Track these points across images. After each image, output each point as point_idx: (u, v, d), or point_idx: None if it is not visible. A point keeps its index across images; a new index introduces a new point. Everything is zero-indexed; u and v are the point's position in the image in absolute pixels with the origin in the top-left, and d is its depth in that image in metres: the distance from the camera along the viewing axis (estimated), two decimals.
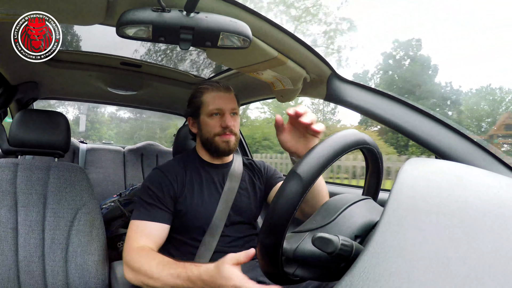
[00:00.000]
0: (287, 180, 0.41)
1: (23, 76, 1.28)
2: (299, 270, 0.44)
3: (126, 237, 0.86)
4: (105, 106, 15.45)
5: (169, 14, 0.57)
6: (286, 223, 0.40)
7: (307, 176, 0.40)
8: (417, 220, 0.33)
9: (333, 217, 0.45)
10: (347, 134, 0.46)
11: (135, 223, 0.87)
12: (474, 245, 0.29)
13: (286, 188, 0.40)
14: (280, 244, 0.41)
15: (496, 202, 0.37)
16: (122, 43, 1.18)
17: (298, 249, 0.43)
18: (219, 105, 0.95)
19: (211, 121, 0.96)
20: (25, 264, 0.88)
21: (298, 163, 0.41)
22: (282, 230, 0.40)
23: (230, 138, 0.96)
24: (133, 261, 0.78)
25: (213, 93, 0.97)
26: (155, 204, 0.89)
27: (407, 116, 0.81)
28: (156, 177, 0.94)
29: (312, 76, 0.93)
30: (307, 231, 0.45)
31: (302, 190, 0.39)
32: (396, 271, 0.27)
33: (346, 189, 1.56)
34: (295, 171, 0.40)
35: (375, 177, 0.57)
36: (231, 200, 0.96)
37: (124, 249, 0.84)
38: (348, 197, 0.49)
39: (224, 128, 0.95)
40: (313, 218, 0.47)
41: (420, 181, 0.42)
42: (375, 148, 0.51)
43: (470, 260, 0.28)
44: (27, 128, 1.01)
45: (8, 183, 0.93)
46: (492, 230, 0.32)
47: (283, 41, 0.76)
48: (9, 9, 0.60)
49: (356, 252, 0.38)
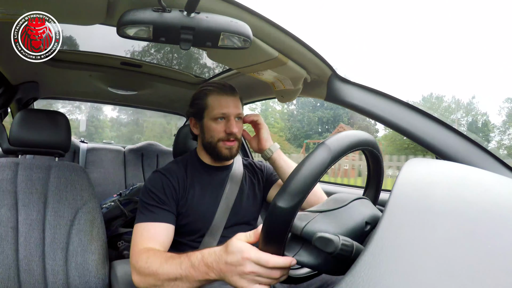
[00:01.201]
0: (316, 149, 0.42)
1: (23, 76, 1.28)
2: (302, 252, 0.44)
3: (132, 242, 0.82)
4: (106, 112, 15.63)
5: (170, 14, 0.57)
6: (309, 187, 0.40)
7: (335, 147, 0.41)
8: (417, 220, 0.33)
9: (344, 203, 0.46)
10: (352, 134, 0.47)
11: (140, 226, 0.84)
12: (474, 244, 0.29)
13: (314, 155, 0.41)
14: (295, 211, 0.40)
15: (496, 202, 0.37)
16: (129, 43, 1.18)
17: (307, 227, 0.43)
18: (225, 109, 0.92)
19: (215, 126, 0.93)
20: (26, 263, 0.88)
21: (329, 138, 0.43)
22: (302, 195, 0.40)
23: (233, 145, 0.94)
24: (139, 263, 0.73)
25: (218, 96, 0.94)
26: (158, 206, 0.88)
27: (407, 116, 0.81)
28: (158, 180, 0.92)
29: (313, 76, 0.93)
30: (318, 211, 0.45)
31: (330, 159, 0.41)
32: (396, 270, 0.27)
33: (346, 189, 1.56)
34: (324, 142, 0.42)
35: (376, 177, 0.57)
36: (232, 202, 0.96)
37: (130, 254, 0.80)
38: (352, 195, 0.50)
39: (229, 134, 0.92)
40: (325, 203, 0.47)
41: (420, 181, 0.42)
42: (376, 149, 0.52)
43: (470, 260, 0.28)
44: (27, 127, 1.01)
45: (9, 183, 0.93)
46: (492, 230, 0.32)
47: (284, 41, 0.76)
48: (9, 9, 0.60)
49: (356, 252, 0.39)
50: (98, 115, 18.23)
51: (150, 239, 0.81)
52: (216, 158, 0.98)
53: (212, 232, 0.91)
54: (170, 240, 0.85)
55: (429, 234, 0.31)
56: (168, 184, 0.91)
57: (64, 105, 11.20)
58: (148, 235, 0.82)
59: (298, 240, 0.44)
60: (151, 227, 0.84)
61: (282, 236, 0.42)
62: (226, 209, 0.94)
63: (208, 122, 0.95)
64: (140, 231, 0.83)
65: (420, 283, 0.26)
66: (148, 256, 0.73)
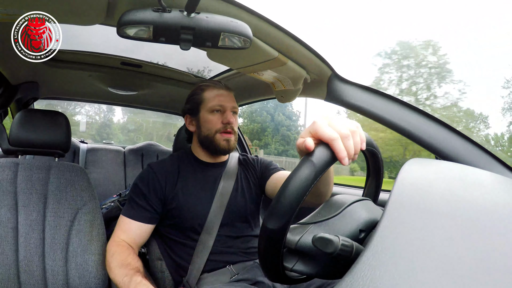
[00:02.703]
0: (300, 165, 0.41)
1: (23, 76, 1.28)
2: (299, 264, 0.44)
3: (115, 227, 0.93)
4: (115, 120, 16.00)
5: (170, 15, 0.57)
6: (295, 206, 0.39)
7: (319, 163, 0.40)
8: (417, 220, 0.33)
9: (338, 210, 0.45)
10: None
11: (121, 218, 0.93)
12: (474, 245, 0.29)
13: (298, 172, 0.40)
14: (285, 230, 0.40)
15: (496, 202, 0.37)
16: (133, 44, 1.18)
17: (301, 240, 0.43)
18: (221, 102, 0.96)
19: (212, 117, 0.96)
20: (25, 263, 0.88)
21: (311, 153, 0.42)
22: (289, 215, 0.40)
23: (230, 137, 0.96)
24: (108, 253, 0.87)
25: (214, 90, 0.98)
26: (140, 204, 0.92)
27: (407, 116, 0.81)
28: (145, 175, 0.95)
29: (313, 77, 0.93)
30: (311, 223, 0.45)
31: (314, 175, 0.40)
32: (396, 271, 0.27)
33: (346, 189, 1.56)
34: (308, 157, 0.41)
35: (375, 178, 0.57)
36: (226, 199, 0.95)
37: (110, 238, 0.92)
38: (350, 196, 0.49)
39: (226, 125, 0.95)
40: (318, 212, 0.47)
41: (420, 181, 0.42)
42: (376, 149, 0.52)
43: (470, 260, 0.28)
44: (27, 127, 1.01)
45: (9, 183, 0.93)
46: (492, 230, 0.32)
47: (284, 41, 0.76)
48: (9, 9, 0.60)
49: (356, 252, 0.38)
50: (109, 117, 18.69)
51: (124, 232, 0.90)
52: (214, 152, 0.98)
53: (208, 230, 0.91)
54: (142, 238, 0.92)
55: (429, 234, 0.31)
56: (154, 179, 0.94)
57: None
58: (124, 229, 0.91)
59: (294, 253, 0.44)
60: (128, 222, 0.91)
61: (277, 253, 0.42)
62: (221, 206, 0.94)
63: (204, 115, 0.97)
64: (120, 222, 0.92)
65: (420, 283, 0.26)
66: (114, 252, 0.86)
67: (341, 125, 0.43)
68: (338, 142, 0.41)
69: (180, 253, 0.93)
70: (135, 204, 0.92)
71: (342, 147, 0.41)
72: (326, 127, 0.42)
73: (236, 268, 0.90)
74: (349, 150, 0.43)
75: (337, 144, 0.41)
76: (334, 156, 0.42)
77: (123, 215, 0.93)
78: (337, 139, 0.41)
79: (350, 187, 1.67)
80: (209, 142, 0.96)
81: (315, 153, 0.41)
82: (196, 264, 0.88)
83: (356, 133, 0.45)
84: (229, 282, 0.87)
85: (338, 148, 0.41)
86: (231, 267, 0.90)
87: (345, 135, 0.43)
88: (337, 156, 0.41)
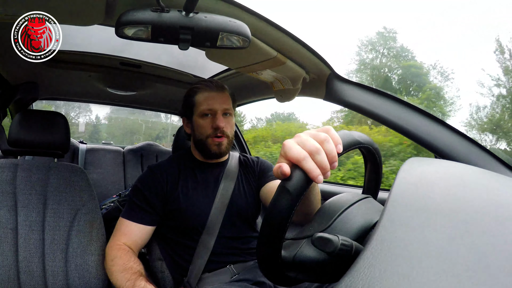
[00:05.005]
0: (276, 194, 0.40)
1: (23, 77, 1.28)
2: (300, 274, 0.45)
3: (114, 230, 0.92)
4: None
5: (168, 15, 0.57)
6: (281, 234, 0.39)
7: (295, 190, 0.38)
8: (417, 220, 0.33)
9: (328, 223, 0.44)
10: (341, 135, 0.45)
11: (121, 221, 0.92)
12: (474, 244, 0.29)
13: (276, 204, 0.39)
14: (278, 253, 0.41)
15: (496, 202, 0.37)
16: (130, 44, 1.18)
17: (296, 256, 0.43)
18: (211, 105, 0.94)
19: (203, 122, 0.94)
20: (25, 264, 0.88)
21: (287, 178, 0.39)
22: (277, 241, 0.40)
23: (222, 141, 0.94)
24: (108, 256, 0.87)
25: (205, 93, 0.95)
26: (141, 205, 0.91)
27: (407, 115, 0.81)
28: (146, 176, 0.95)
29: (312, 76, 0.93)
30: (304, 237, 0.45)
31: (291, 204, 0.38)
32: (396, 270, 0.27)
33: (346, 189, 1.56)
34: (283, 185, 0.39)
35: (374, 175, 0.56)
36: (227, 200, 0.95)
37: (109, 241, 0.91)
38: (346, 197, 0.48)
39: (216, 129, 0.93)
40: (310, 224, 0.47)
41: (420, 180, 0.42)
42: (372, 145, 0.51)
43: (470, 260, 0.28)
44: (26, 128, 1.01)
45: (8, 184, 0.93)
46: (492, 230, 0.32)
47: (282, 41, 0.76)
48: (9, 9, 0.60)
49: (356, 252, 0.38)
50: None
51: (125, 235, 0.90)
52: (206, 156, 0.98)
53: (209, 230, 0.91)
54: (143, 241, 0.92)
55: (429, 233, 0.31)
56: (155, 180, 0.93)
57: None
58: (124, 231, 0.90)
59: (293, 266, 0.45)
60: (128, 225, 0.90)
61: (277, 269, 0.43)
62: (221, 206, 0.93)
63: (196, 119, 0.96)
64: (120, 225, 0.91)
65: (420, 282, 0.26)
66: (115, 256, 0.85)
67: (307, 141, 0.39)
68: (307, 161, 0.38)
69: (180, 254, 0.92)
70: (135, 206, 0.91)
71: (313, 165, 0.38)
72: (294, 147, 0.38)
73: (236, 268, 0.90)
74: (321, 164, 0.38)
75: (306, 164, 0.38)
76: (308, 177, 0.38)
77: (123, 217, 0.92)
78: (305, 158, 0.38)
79: (350, 186, 1.67)
80: (202, 146, 0.96)
81: (291, 179, 0.39)
82: (197, 265, 0.88)
83: (327, 141, 0.40)
84: (229, 282, 0.87)
85: (308, 168, 0.38)
86: (231, 267, 0.90)
87: (314, 150, 0.38)
88: (309, 176, 0.38)
